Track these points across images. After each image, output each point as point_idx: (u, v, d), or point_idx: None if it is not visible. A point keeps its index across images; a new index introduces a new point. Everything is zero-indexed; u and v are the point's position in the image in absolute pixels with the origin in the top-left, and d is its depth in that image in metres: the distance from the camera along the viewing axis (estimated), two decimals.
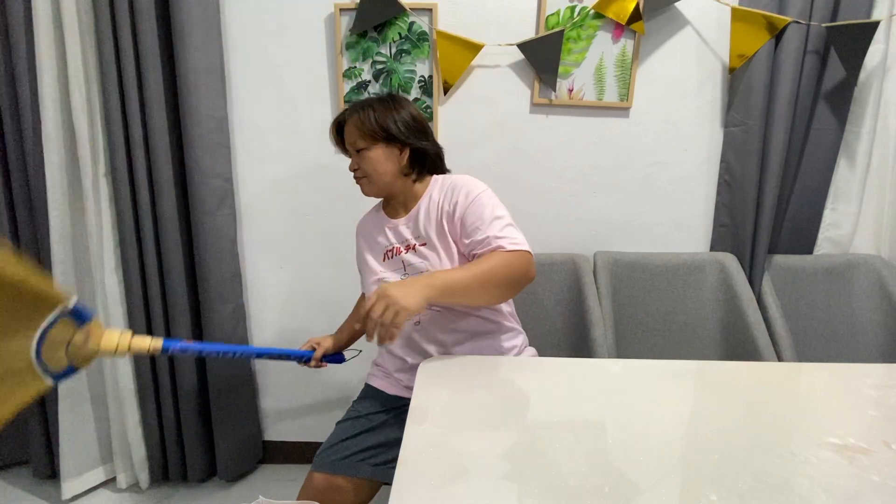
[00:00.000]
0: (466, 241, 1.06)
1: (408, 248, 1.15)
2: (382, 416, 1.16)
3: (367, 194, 1.19)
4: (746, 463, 0.71)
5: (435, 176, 1.21)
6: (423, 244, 1.13)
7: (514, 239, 1.03)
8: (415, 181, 1.18)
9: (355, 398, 1.26)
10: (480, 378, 0.97)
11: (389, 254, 1.17)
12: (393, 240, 1.18)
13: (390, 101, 1.15)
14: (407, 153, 1.15)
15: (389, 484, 1.10)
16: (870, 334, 1.60)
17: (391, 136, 1.12)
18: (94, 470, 1.71)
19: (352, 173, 1.18)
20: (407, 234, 1.16)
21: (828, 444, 0.74)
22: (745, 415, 0.84)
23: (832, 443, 0.75)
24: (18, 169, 1.50)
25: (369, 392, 1.23)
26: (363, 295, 1.33)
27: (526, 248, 1.03)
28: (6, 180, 1.52)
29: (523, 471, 0.71)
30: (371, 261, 1.20)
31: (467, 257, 1.10)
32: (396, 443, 0.98)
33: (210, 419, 1.70)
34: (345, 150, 1.20)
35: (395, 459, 1.04)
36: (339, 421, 1.19)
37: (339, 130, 1.19)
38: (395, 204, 1.21)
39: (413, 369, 1.08)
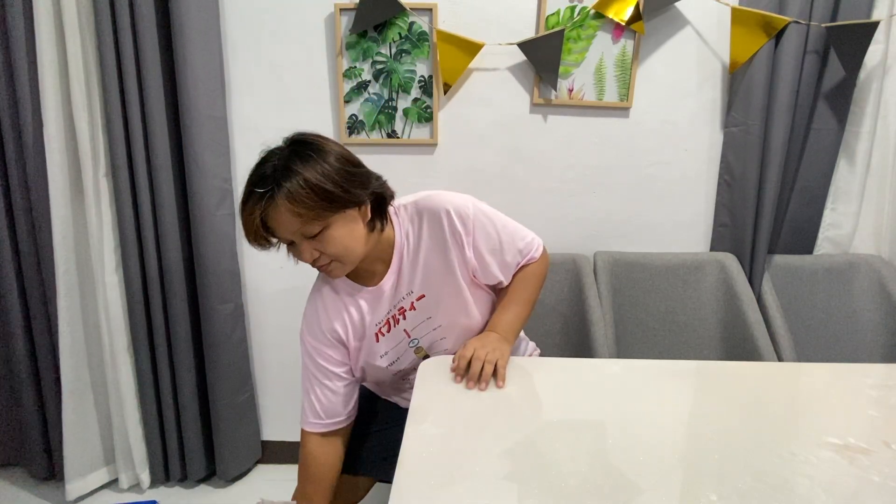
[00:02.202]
0: (496, 265, 0.98)
1: (402, 311, 0.98)
2: (379, 415, 1.16)
3: (336, 277, 0.93)
4: (746, 463, 0.71)
5: (394, 207, 0.98)
6: (421, 297, 0.97)
7: (533, 245, 1.02)
8: (382, 231, 0.95)
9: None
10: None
11: (385, 328, 0.98)
12: (382, 310, 0.98)
13: (309, 153, 0.84)
14: (367, 207, 0.90)
15: (384, 481, 1.11)
16: (870, 334, 1.60)
17: (340, 201, 0.84)
18: (98, 471, 1.71)
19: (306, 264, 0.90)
20: (396, 295, 0.97)
21: (828, 444, 0.74)
22: (745, 415, 0.84)
23: (832, 443, 0.75)
24: (19, 169, 1.49)
25: (367, 392, 1.23)
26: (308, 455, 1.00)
27: (539, 242, 1.04)
28: (6, 181, 1.52)
29: (523, 471, 0.71)
30: (361, 348, 0.99)
31: (493, 288, 1.04)
32: (393, 441, 0.97)
33: (210, 419, 1.70)
34: (265, 242, 0.88)
35: (390, 457, 1.04)
36: None
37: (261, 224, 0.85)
38: (365, 266, 0.95)
39: None
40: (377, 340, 0.98)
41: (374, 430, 1.14)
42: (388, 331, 0.98)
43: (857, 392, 0.90)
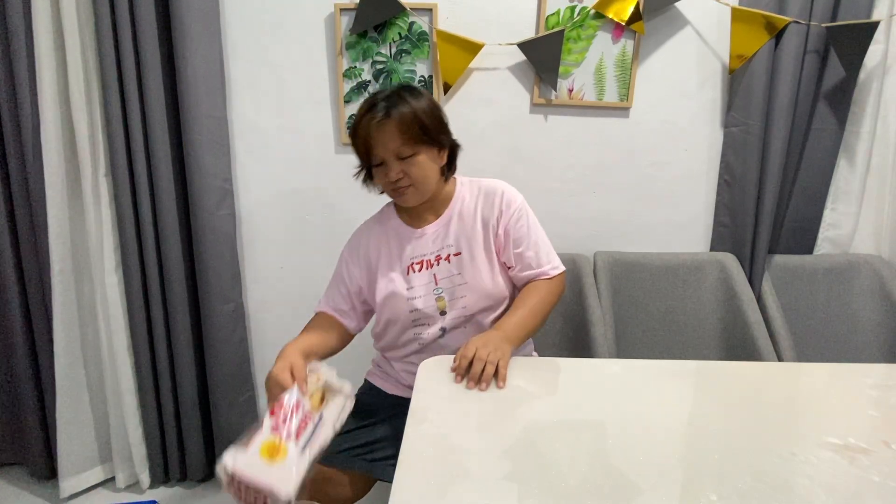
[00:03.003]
0: (514, 254, 1.09)
1: (438, 259, 1.09)
2: (380, 412, 1.16)
3: (407, 204, 1.08)
4: (746, 463, 0.71)
5: (459, 178, 1.16)
6: (457, 254, 1.08)
7: (554, 263, 1.11)
8: (446, 181, 1.13)
9: (354, 393, 1.26)
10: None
11: (417, 266, 1.10)
12: (420, 250, 1.10)
13: (413, 91, 1.03)
14: (446, 154, 1.09)
15: (383, 480, 1.11)
16: (870, 334, 1.60)
17: (433, 138, 1.03)
18: (93, 469, 1.71)
19: (369, 184, 1.10)
20: (437, 243, 1.10)
21: (828, 444, 0.74)
22: (745, 415, 0.84)
23: (832, 443, 0.75)
24: (18, 169, 1.49)
25: (368, 388, 1.23)
26: (319, 316, 1.16)
27: (558, 266, 1.12)
28: (5, 180, 1.52)
29: (523, 471, 0.71)
30: (390, 274, 1.10)
31: (506, 268, 1.13)
32: (393, 439, 1.01)
33: (210, 419, 1.70)
34: (366, 158, 1.05)
35: (391, 457, 1.05)
36: None
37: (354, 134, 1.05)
38: (419, 210, 1.12)
39: None
40: (408, 273, 1.10)
41: (373, 426, 1.14)
42: (420, 270, 1.10)
43: (857, 392, 0.90)
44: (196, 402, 1.67)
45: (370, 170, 1.08)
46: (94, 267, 1.55)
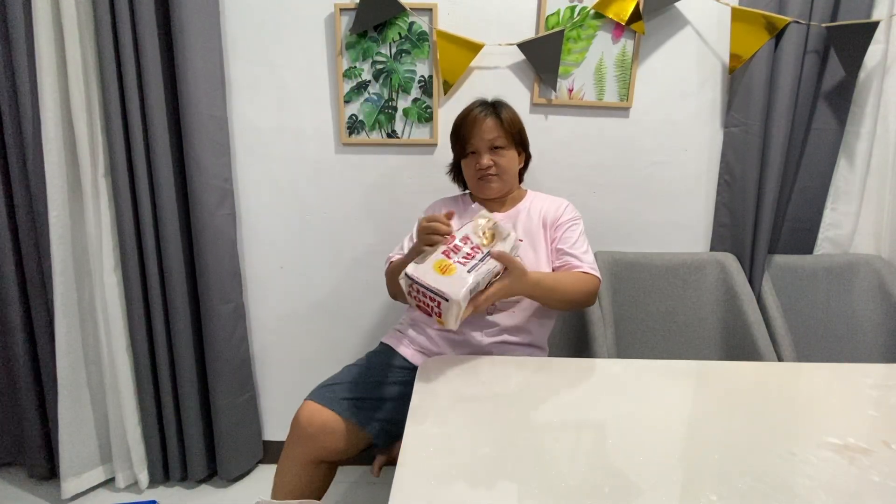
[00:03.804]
0: (556, 246, 1.23)
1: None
2: (390, 374, 1.17)
3: (489, 195, 1.26)
4: (746, 463, 0.71)
5: (531, 191, 1.35)
6: (520, 240, 1.19)
7: (593, 265, 1.20)
8: (520, 183, 1.34)
9: (370, 351, 1.29)
10: (481, 378, 0.96)
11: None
12: None
13: (509, 106, 1.26)
14: (523, 159, 1.30)
15: (378, 446, 1.12)
16: (870, 334, 1.60)
17: (519, 141, 1.26)
18: (94, 470, 1.71)
19: (462, 171, 1.29)
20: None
21: (828, 444, 0.75)
22: (745, 415, 0.84)
23: (832, 443, 0.75)
24: (18, 169, 1.49)
25: (382, 348, 1.26)
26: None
27: (594, 270, 1.19)
28: (6, 180, 1.52)
29: (523, 471, 0.71)
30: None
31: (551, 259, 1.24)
32: (395, 401, 1.09)
33: (210, 419, 1.70)
34: (462, 148, 1.24)
35: (389, 420, 1.09)
36: (348, 364, 1.22)
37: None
38: (493, 204, 1.29)
39: (449, 340, 1.20)
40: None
41: (384, 386, 1.16)
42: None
43: (857, 392, 0.90)
44: (196, 402, 1.67)
45: (459, 165, 1.31)
46: (94, 267, 1.55)
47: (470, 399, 0.87)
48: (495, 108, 1.24)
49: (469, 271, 0.95)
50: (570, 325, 1.60)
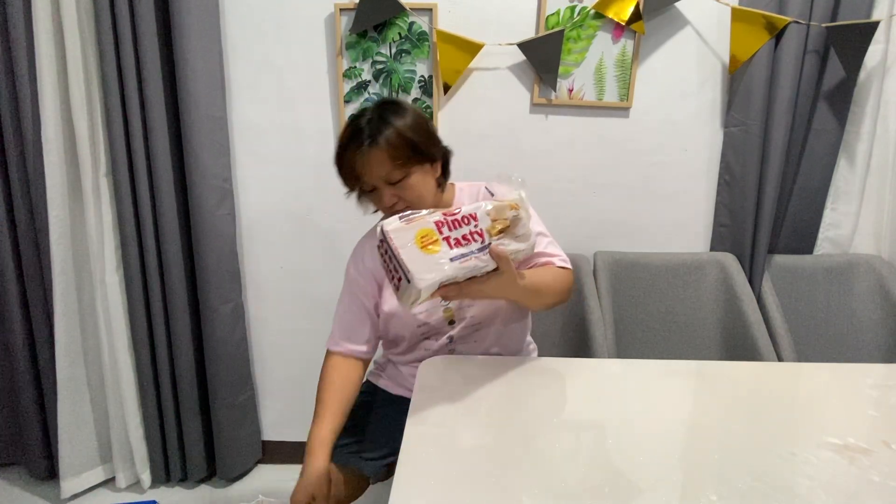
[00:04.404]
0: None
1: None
2: (381, 411, 1.16)
3: None
4: (746, 463, 0.71)
5: (457, 184, 1.12)
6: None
7: (563, 257, 1.05)
8: (443, 191, 1.07)
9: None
10: (480, 378, 0.96)
11: None
12: None
13: (397, 109, 0.98)
14: (439, 165, 1.03)
15: (378, 481, 1.10)
16: (870, 334, 1.60)
17: (423, 154, 0.98)
18: (94, 469, 1.71)
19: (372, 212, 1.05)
20: None
21: (828, 444, 0.74)
22: (745, 415, 0.84)
23: (832, 443, 0.75)
24: (18, 169, 1.49)
25: (369, 388, 1.23)
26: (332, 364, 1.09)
27: (564, 261, 1.04)
28: (6, 180, 1.52)
29: (523, 471, 0.71)
30: (392, 294, 1.03)
31: None
32: (390, 439, 0.99)
33: (210, 419, 1.70)
34: (356, 186, 1.00)
35: (386, 457, 1.03)
36: None
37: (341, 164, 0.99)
38: None
39: None
40: None
41: (371, 425, 1.14)
42: None
43: (857, 392, 0.90)
44: (196, 402, 1.67)
45: (360, 195, 1.04)
46: (94, 267, 1.55)
47: (470, 399, 0.87)
48: (376, 130, 0.94)
49: (452, 259, 0.79)
50: (570, 325, 1.60)
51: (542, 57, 1.50)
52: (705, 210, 1.66)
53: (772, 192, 1.53)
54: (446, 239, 0.80)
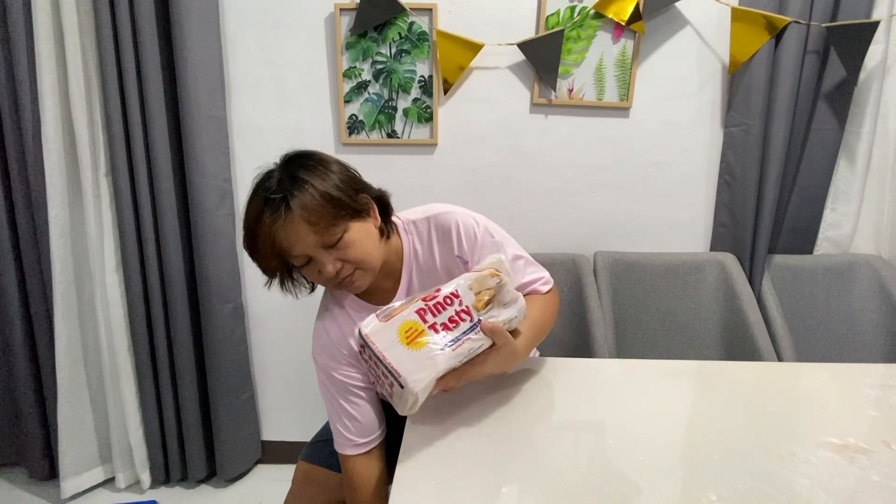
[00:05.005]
0: None
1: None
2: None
3: (359, 290, 0.90)
4: (746, 463, 0.71)
5: (398, 223, 0.96)
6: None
7: (543, 278, 0.97)
8: (389, 238, 0.93)
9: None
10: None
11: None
12: None
13: (310, 163, 0.85)
14: (376, 212, 0.89)
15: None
16: (870, 334, 1.60)
17: (354, 209, 0.84)
18: (94, 469, 1.71)
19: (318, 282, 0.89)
20: None
21: (828, 444, 0.74)
22: (745, 415, 0.84)
23: (832, 443, 0.75)
24: (18, 169, 1.50)
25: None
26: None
27: (547, 281, 0.98)
28: (6, 180, 1.52)
29: (523, 471, 0.70)
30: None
31: None
32: (392, 443, 0.94)
33: (210, 419, 1.70)
34: (282, 263, 0.85)
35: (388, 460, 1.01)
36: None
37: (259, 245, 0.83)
38: (375, 283, 0.92)
39: None
40: None
41: None
42: None
43: (857, 392, 0.90)
44: (196, 402, 1.67)
45: (289, 273, 0.89)
46: (94, 267, 1.55)
47: (470, 399, 0.87)
48: (290, 195, 0.79)
49: (444, 348, 0.72)
50: (571, 325, 1.59)
51: (542, 57, 1.50)
52: (705, 210, 1.66)
53: (772, 192, 1.53)
54: (432, 327, 0.73)
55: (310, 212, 0.78)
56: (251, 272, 1.70)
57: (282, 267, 0.86)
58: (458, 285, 0.77)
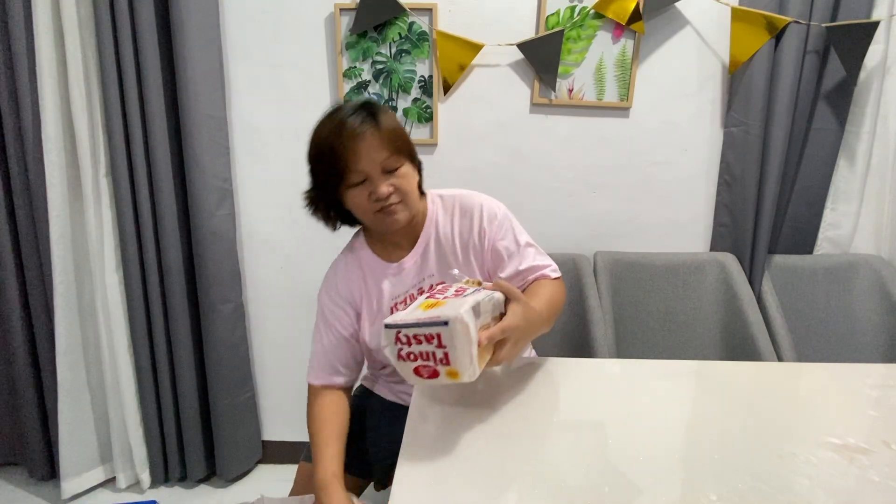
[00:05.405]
0: (502, 275, 0.98)
1: (420, 291, 0.98)
2: (377, 416, 1.16)
3: (397, 225, 0.93)
4: (746, 463, 0.71)
5: (429, 193, 1.04)
6: (440, 283, 0.96)
7: (552, 266, 1.01)
8: (421, 197, 1.01)
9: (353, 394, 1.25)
10: (480, 378, 0.96)
11: (400, 307, 0.99)
12: (400, 288, 0.99)
13: (382, 107, 0.92)
14: (417, 172, 0.97)
15: (382, 487, 1.10)
16: (870, 334, 1.60)
17: (412, 150, 0.95)
18: (94, 470, 1.71)
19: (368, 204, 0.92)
20: (417, 275, 0.99)
21: (828, 444, 0.74)
22: (745, 415, 0.84)
23: (832, 443, 0.75)
24: (18, 169, 1.50)
25: (363, 392, 1.23)
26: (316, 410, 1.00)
27: (556, 270, 1.02)
28: (6, 180, 1.52)
29: (523, 471, 0.71)
30: (375, 319, 1.00)
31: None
32: (388, 443, 0.94)
33: (210, 419, 1.70)
34: (341, 176, 0.89)
35: (384, 460, 1.00)
36: None
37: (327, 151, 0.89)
38: (394, 238, 1.00)
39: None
40: (392, 314, 0.95)
41: (368, 432, 1.13)
42: (405, 307, 0.98)
43: (857, 392, 0.90)
44: (196, 402, 1.67)
45: (334, 195, 0.94)
46: (94, 267, 1.55)
47: (470, 399, 0.87)
48: (371, 115, 0.88)
49: (465, 296, 0.74)
50: (571, 324, 1.59)
51: (542, 57, 1.50)
52: (705, 210, 1.66)
53: (772, 192, 1.53)
54: (445, 297, 0.75)
55: (386, 132, 0.88)
56: (251, 272, 1.71)
57: (333, 188, 0.92)
58: (452, 281, 0.82)
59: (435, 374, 0.70)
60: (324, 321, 1.03)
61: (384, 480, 1.11)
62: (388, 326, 0.71)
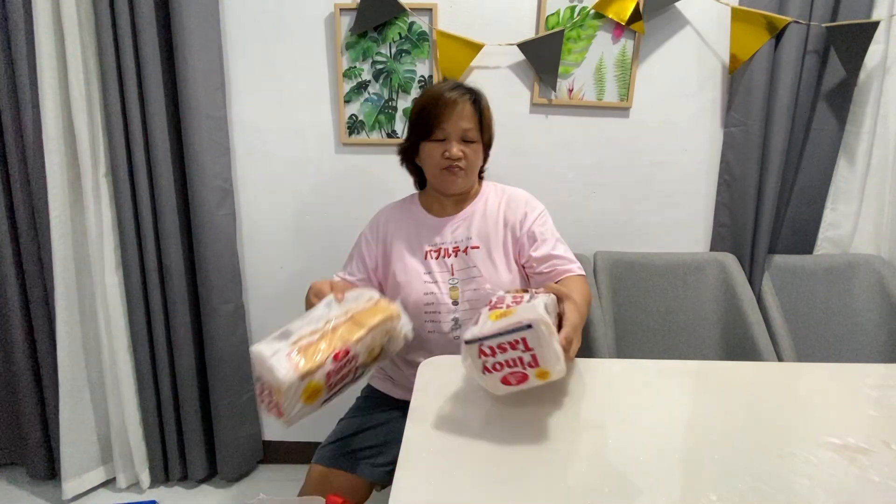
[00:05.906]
0: (534, 254, 1.11)
1: (456, 250, 1.13)
2: (384, 415, 1.16)
3: (451, 190, 1.14)
4: (746, 463, 0.71)
5: (485, 181, 1.23)
6: (475, 247, 1.12)
7: (578, 264, 1.12)
8: (479, 178, 1.21)
9: (358, 395, 1.25)
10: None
11: (434, 254, 1.13)
12: (439, 239, 1.14)
13: (486, 99, 1.14)
14: (485, 156, 1.18)
15: (385, 486, 1.10)
16: (870, 334, 1.60)
17: (490, 139, 1.16)
18: (95, 470, 1.71)
19: (435, 161, 1.09)
20: (457, 234, 1.14)
21: (828, 444, 0.74)
22: (745, 415, 0.84)
23: (832, 443, 0.75)
24: (19, 169, 1.50)
25: (372, 392, 1.23)
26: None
27: (581, 267, 1.12)
28: (6, 180, 1.52)
29: (523, 471, 0.71)
30: (407, 257, 1.14)
31: (525, 268, 1.15)
32: (396, 444, 0.96)
33: (210, 419, 1.70)
34: (428, 129, 1.08)
35: (394, 462, 1.02)
36: (341, 418, 1.19)
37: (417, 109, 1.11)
38: (445, 202, 1.17)
39: None
40: (426, 258, 1.13)
41: (377, 429, 1.14)
42: (437, 258, 1.13)
43: (857, 392, 0.90)
44: (196, 402, 1.67)
45: (416, 148, 1.12)
46: (94, 267, 1.55)
47: (470, 399, 0.87)
48: (477, 94, 1.11)
49: (530, 301, 0.78)
50: None
51: (542, 57, 1.50)
52: (705, 210, 1.66)
53: (772, 192, 1.53)
54: (509, 306, 0.78)
55: (480, 109, 1.10)
56: (251, 272, 1.71)
57: (418, 140, 1.11)
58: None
59: (524, 379, 0.72)
60: (357, 249, 1.20)
61: (384, 480, 1.11)
62: (468, 342, 0.72)
